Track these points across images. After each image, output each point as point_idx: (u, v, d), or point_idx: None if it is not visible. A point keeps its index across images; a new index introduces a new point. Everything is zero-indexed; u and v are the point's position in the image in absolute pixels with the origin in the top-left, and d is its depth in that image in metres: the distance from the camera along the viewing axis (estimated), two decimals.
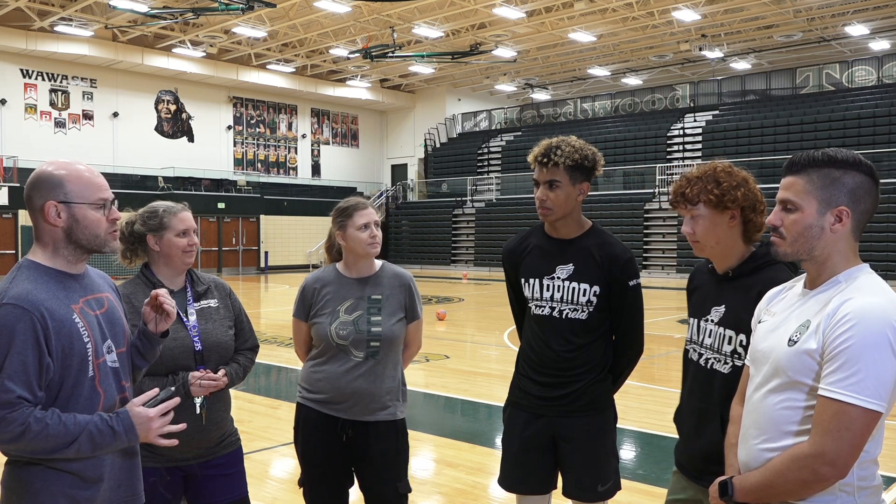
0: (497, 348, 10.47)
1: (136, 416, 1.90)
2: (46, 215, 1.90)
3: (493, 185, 30.82)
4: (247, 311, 2.90)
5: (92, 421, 1.85)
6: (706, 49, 26.24)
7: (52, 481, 1.86)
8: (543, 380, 2.83)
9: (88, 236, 1.94)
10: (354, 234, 2.89)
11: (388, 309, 2.93)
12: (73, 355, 1.86)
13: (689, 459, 2.32)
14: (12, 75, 25.05)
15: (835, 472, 1.63)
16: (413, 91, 35.34)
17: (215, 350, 2.66)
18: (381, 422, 2.92)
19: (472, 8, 22.66)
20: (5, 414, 1.75)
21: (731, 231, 2.23)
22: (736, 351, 2.19)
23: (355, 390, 2.88)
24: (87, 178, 1.94)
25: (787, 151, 22.87)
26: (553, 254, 2.83)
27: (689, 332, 2.37)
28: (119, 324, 2.05)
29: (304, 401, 2.99)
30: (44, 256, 1.93)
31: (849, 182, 1.71)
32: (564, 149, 2.70)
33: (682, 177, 2.32)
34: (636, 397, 7.03)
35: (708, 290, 2.34)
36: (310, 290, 2.99)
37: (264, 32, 24.82)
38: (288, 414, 6.62)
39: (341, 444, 2.92)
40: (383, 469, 2.93)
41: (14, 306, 1.79)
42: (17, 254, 22.90)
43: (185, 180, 27.55)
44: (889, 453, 5.06)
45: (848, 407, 1.59)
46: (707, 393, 2.26)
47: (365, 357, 2.89)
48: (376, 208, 3.01)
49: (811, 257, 1.75)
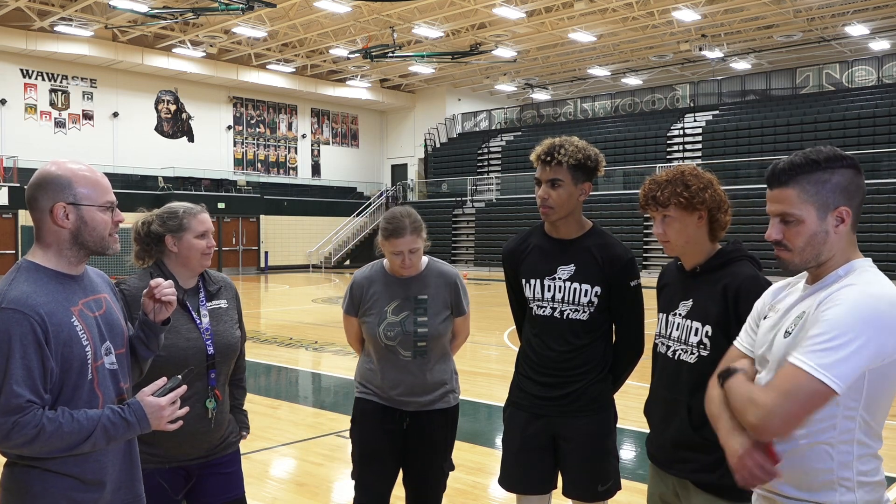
0: (497, 348, 10.47)
1: (148, 405, 1.91)
2: (55, 216, 1.89)
3: (493, 185, 30.82)
4: (247, 311, 2.90)
5: (104, 415, 1.86)
6: (706, 49, 26.24)
7: (53, 484, 1.85)
8: (544, 380, 2.83)
9: (95, 238, 1.94)
10: (389, 256, 3.01)
11: (433, 308, 3.03)
12: (72, 359, 1.85)
13: (658, 448, 2.38)
14: (12, 75, 25.05)
15: (760, 424, 1.63)
16: (413, 91, 35.34)
17: (225, 352, 2.66)
18: (434, 411, 3.06)
19: (472, 8, 22.66)
20: (18, 418, 1.76)
21: (699, 230, 2.34)
22: (702, 342, 2.27)
23: (407, 387, 3.02)
24: (95, 179, 1.94)
25: (787, 151, 22.60)
26: (554, 254, 2.83)
27: (658, 327, 2.46)
28: (117, 325, 2.04)
29: (362, 394, 3.12)
30: (44, 257, 1.92)
31: (839, 180, 1.70)
32: (568, 148, 2.71)
33: (650, 180, 2.39)
34: (636, 397, 6.99)
35: (676, 286, 2.43)
36: (358, 288, 3.09)
37: (264, 32, 24.82)
38: (288, 414, 6.64)
39: (398, 432, 3.06)
40: (433, 453, 3.09)
41: (13, 311, 1.78)
42: (16, 254, 22.90)
43: (185, 180, 27.55)
44: (889, 453, 5.07)
45: (800, 372, 1.59)
46: (674, 383, 2.34)
47: (413, 356, 3.02)
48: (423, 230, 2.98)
49: (818, 262, 1.75)
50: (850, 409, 1.64)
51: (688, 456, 2.25)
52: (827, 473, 1.67)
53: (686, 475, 2.27)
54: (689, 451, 2.25)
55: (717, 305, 2.25)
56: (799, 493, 1.70)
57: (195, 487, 2.69)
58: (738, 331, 2.00)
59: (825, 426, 1.65)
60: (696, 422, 2.22)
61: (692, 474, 2.25)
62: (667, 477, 2.35)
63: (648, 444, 2.46)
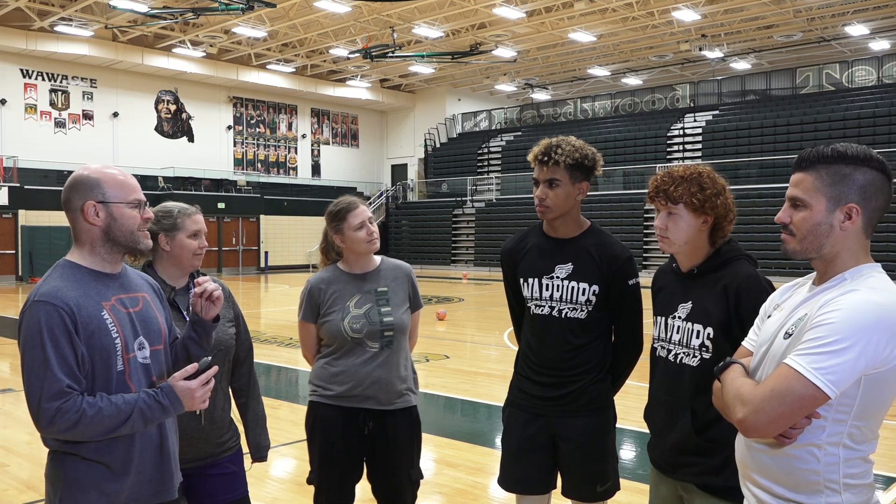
0: (497, 348, 10.47)
1: (180, 389, 1.99)
2: (85, 215, 2.01)
3: (493, 185, 30.83)
4: (247, 311, 2.90)
5: (140, 398, 1.95)
6: (706, 49, 26.24)
7: (84, 473, 1.95)
8: (543, 380, 2.83)
9: (125, 233, 2.04)
10: (352, 235, 2.96)
11: (395, 300, 3.03)
12: (100, 348, 1.94)
13: (661, 454, 2.35)
14: (12, 75, 25.05)
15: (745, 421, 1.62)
16: (413, 91, 35.34)
17: (218, 348, 2.66)
18: (398, 410, 3.01)
19: (472, 8, 22.66)
20: (60, 404, 1.85)
21: (700, 234, 2.31)
22: (704, 344, 2.24)
23: (375, 380, 2.96)
24: (122, 179, 2.06)
25: (787, 151, 22.88)
26: (552, 253, 2.83)
27: (656, 330, 2.42)
28: (154, 322, 2.11)
29: (321, 398, 3.02)
30: (80, 256, 2.04)
31: (859, 179, 1.67)
32: (565, 147, 2.71)
33: (666, 173, 2.35)
34: (636, 397, 6.99)
35: (674, 288, 2.40)
36: (316, 290, 3.03)
37: (264, 32, 24.82)
38: (288, 414, 6.63)
39: (360, 437, 2.98)
40: (399, 457, 3.01)
41: (44, 303, 1.90)
42: (16, 254, 22.90)
43: (185, 180, 27.56)
44: (889, 453, 5.06)
45: (793, 373, 1.57)
46: (676, 387, 2.31)
47: (380, 347, 2.97)
48: (367, 205, 3.03)
49: (820, 255, 1.72)
50: (841, 413, 1.61)
51: (692, 460, 2.23)
52: (813, 475, 1.65)
53: (691, 479, 2.25)
54: (693, 455, 2.22)
55: (718, 307, 2.22)
56: (786, 493, 1.68)
57: (197, 488, 2.68)
58: (740, 331, 1.98)
59: (814, 428, 1.63)
60: (699, 425, 2.21)
61: (697, 477, 2.23)
62: (670, 481, 2.33)
63: (650, 449, 2.43)
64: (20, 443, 5.80)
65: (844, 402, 1.60)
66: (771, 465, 1.70)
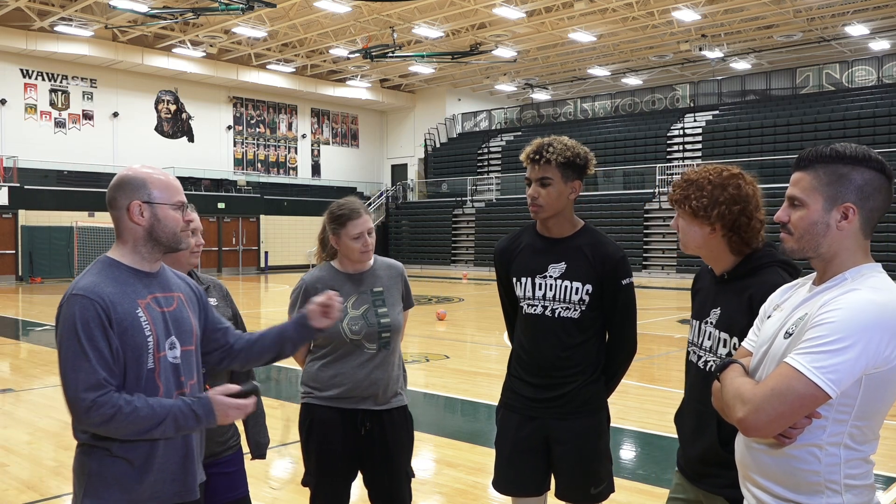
0: (497, 348, 10.47)
1: (218, 403, 2.02)
2: (131, 214, 2.04)
3: (493, 185, 30.84)
4: (247, 311, 2.90)
5: (176, 405, 1.97)
6: (706, 49, 26.25)
7: (108, 468, 1.96)
8: (536, 381, 2.81)
9: (168, 234, 2.08)
10: (348, 243, 2.95)
11: (390, 300, 3.03)
12: (133, 345, 1.96)
13: (687, 462, 2.32)
14: (12, 75, 25.06)
15: (745, 420, 1.62)
16: (413, 91, 35.34)
17: None
18: (394, 409, 3.02)
19: (472, 8, 22.67)
20: (97, 397, 1.88)
21: (712, 241, 2.23)
22: (731, 354, 2.18)
23: (373, 381, 2.96)
24: (168, 181, 2.10)
25: (787, 151, 22.87)
26: (545, 252, 2.81)
27: (691, 333, 2.37)
28: (186, 322, 2.13)
29: (317, 400, 2.99)
30: (121, 254, 2.07)
31: (857, 179, 1.67)
32: (556, 146, 2.70)
33: (683, 174, 2.32)
34: (636, 397, 7.02)
35: (708, 292, 2.35)
36: (312, 290, 2.95)
37: (264, 32, 24.83)
38: (289, 414, 6.63)
39: (358, 438, 2.98)
40: (396, 455, 3.02)
41: (81, 296, 1.93)
42: (16, 254, 22.88)
43: (185, 180, 27.51)
44: (889, 453, 5.06)
45: (794, 373, 1.56)
46: (705, 395, 2.22)
47: (378, 349, 2.98)
48: (370, 212, 3.03)
49: (818, 254, 1.72)
50: (842, 414, 1.61)
51: (718, 472, 2.17)
52: (814, 475, 1.64)
53: (717, 491, 2.20)
54: (718, 467, 2.16)
55: (742, 316, 2.13)
56: (786, 493, 1.68)
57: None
58: None
59: (814, 428, 1.62)
60: (724, 436, 2.16)
61: (723, 490, 2.18)
62: (690, 487, 2.29)
63: (678, 454, 2.39)
64: (20, 443, 5.80)
65: (845, 402, 1.60)
66: (771, 465, 1.70)
